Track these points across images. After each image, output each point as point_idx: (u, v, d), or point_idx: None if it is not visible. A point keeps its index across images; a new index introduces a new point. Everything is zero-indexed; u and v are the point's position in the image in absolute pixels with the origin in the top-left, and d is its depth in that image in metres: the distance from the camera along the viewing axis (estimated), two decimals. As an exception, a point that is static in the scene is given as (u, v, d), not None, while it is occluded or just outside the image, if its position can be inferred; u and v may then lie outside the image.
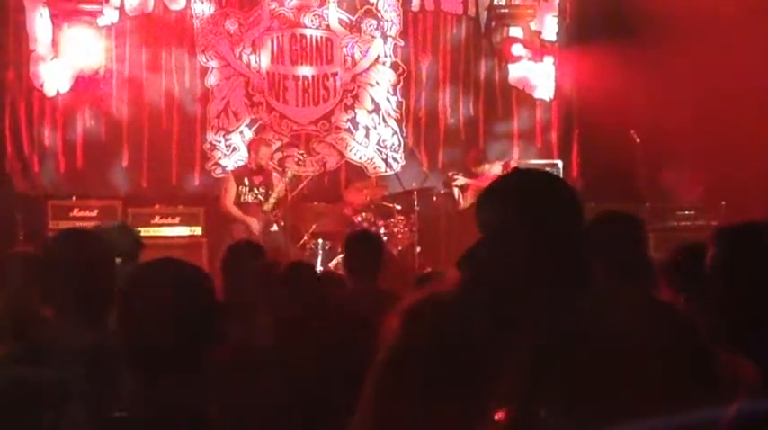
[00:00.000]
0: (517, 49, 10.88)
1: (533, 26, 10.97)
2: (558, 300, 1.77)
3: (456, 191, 10.03)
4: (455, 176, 10.04)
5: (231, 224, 9.22)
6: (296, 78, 10.90)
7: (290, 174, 9.53)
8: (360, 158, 10.98)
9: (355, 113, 10.98)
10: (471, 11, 11.15)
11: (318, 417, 3.14)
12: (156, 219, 9.71)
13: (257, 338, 3.58)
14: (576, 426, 1.70)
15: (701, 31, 9.13)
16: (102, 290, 2.98)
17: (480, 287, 1.87)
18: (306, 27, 10.91)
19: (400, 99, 11.07)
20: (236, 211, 9.26)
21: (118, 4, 10.51)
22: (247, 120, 10.81)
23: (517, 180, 2.02)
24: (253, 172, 9.40)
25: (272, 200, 9.24)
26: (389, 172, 10.87)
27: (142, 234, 8.60)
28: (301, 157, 10.45)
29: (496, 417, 1.82)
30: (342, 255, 8.91)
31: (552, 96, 11.14)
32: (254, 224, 9.16)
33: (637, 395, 1.65)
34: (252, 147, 9.70)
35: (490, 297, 1.82)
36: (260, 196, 9.29)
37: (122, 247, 4.38)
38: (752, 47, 9.31)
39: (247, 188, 9.32)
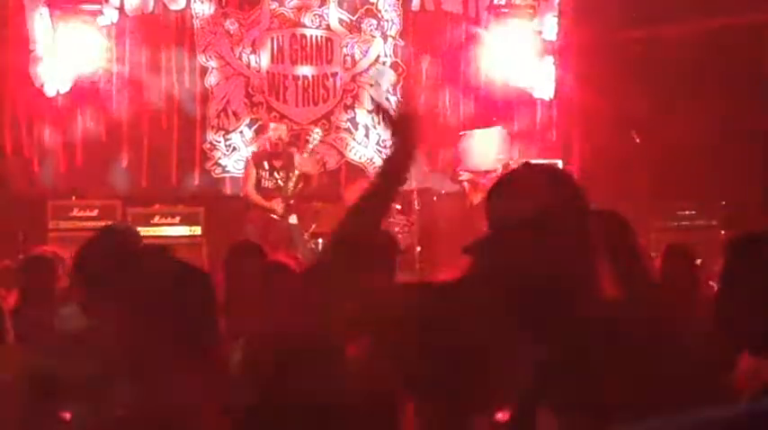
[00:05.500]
0: (517, 49, 10.86)
1: (533, 26, 10.96)
2: (562, 307, 1.75)
3: (467, 185, 10.00)
4: (461, 172, 10.03)
5: (249, 211, 9.08)
6: (296, 78, 10.90)
7: (293, 179, 9.14)
8: (360, 158, 10.98)
9: (355, 113, 10.98)
10: (471, 11, 11.15)
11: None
12: (156, 219, 9.70)
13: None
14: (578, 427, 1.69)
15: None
16: None
17: (482, 279, 1.84)
18: (306, 27, 10.91)
19: (400, 99, 11.06)
20: (256, 197, 9.06)
21: (118, 4, 10.51)
22: (247, 121, 10.80)
23: (523, 175, 1.93)
24: (272, 155, 9.18)
25: (291, 183, 9.00)
26: (389, 172, 10.83)
27: (142, 234, 8.74)
28: (317, 136, 9.71)
29: (498, 417, 1.82)
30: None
31: (552, 96, 11.13)
32: (277, 206, 8.96)
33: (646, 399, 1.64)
34: (265, 128, 9.77)
35: (490, 291, 1.80)
36: (280, 181, 9.09)
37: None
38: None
39: (267, 172, 9.10)
